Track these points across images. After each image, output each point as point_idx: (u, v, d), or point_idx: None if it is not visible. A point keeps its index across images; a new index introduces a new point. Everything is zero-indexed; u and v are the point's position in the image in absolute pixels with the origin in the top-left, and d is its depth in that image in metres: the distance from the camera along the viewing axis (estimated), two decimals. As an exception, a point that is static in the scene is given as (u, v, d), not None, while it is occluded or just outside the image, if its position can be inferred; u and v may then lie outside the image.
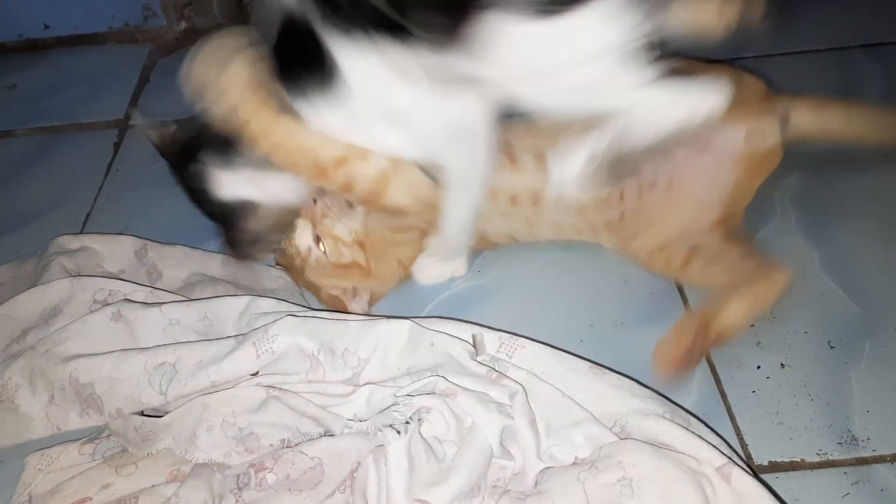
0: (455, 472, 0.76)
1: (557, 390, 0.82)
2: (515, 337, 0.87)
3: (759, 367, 0.91)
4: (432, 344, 0.86)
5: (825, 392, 0.88)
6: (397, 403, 0.83)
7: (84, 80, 1.53)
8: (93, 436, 0.88)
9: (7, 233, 1.20)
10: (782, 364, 0.91)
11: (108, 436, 0.88)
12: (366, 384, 0.85)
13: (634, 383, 0.84)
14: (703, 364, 0.92)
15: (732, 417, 0.87)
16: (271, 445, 0.83)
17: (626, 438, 0.78)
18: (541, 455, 0.80)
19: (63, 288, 0.98)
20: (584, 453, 0.79)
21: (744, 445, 0.84)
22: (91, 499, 0.81)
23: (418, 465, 0.77)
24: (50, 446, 0.87)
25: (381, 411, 0.84)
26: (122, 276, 1.05)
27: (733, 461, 0.75)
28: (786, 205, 1.10)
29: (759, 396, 0.88)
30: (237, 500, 0.78)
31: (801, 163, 1.15)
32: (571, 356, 0.87)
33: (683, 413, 0.83)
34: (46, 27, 1.61)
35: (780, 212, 1.09)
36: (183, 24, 1.63)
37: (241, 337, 0.88)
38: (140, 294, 0.98)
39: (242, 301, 0.94)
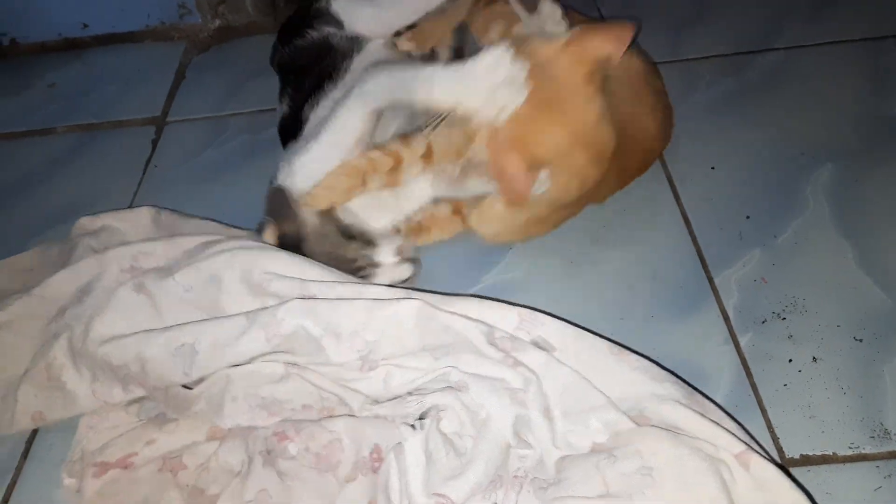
0: (471, 465, 0.78)
1: (575, 373, 0.83)
2: (535, 313, 0.88)
3: (790, 361, 0.91)
4: (447, 326, 0.87)
5: (858, 385, 0.88)
6: (412, 394, 0.85)
7: (121, 78, 1.56)
8: (139, 398, 0.93)
9: (47, 229, 1.23)
10: (814, 357, 0.91)
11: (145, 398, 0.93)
12: (382, 365, 0.87)
13: (654, 365, 0.84)
14: (734, 357, 0.92)
15: (764, 411, 0.87)
16: (293, 410, 0.86)
17: (643, 424, 0.79)
18: (556, 443, 0.80)
19: (91, 266, 1.02)
20: (602, 438, 0.79)
21: (775, 439, 0.84)
22: (137, 454, 0.88)
23: (437, 460, 0.79)
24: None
25: (396, 397, 0.85)
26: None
27: (751, 448, 0.75)
28: (819, 197, 1.09)
29: (791, 390, 0.88)
30: (265, 463, 0.83)
31: (834, 153, 1.15)
32: (592, 335, 0.87)
33: (700, 398, 0.83)
34: (84, 26, 1.64)
35: (814, 204, 1.08)
36: (217, 22, 1.65)
37: (252, 315, 0.89)
38: (159, 251, 1.01)
39: (245, 258, 0.96)
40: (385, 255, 1.03)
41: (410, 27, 1.21)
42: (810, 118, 1.22)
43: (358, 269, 1.02)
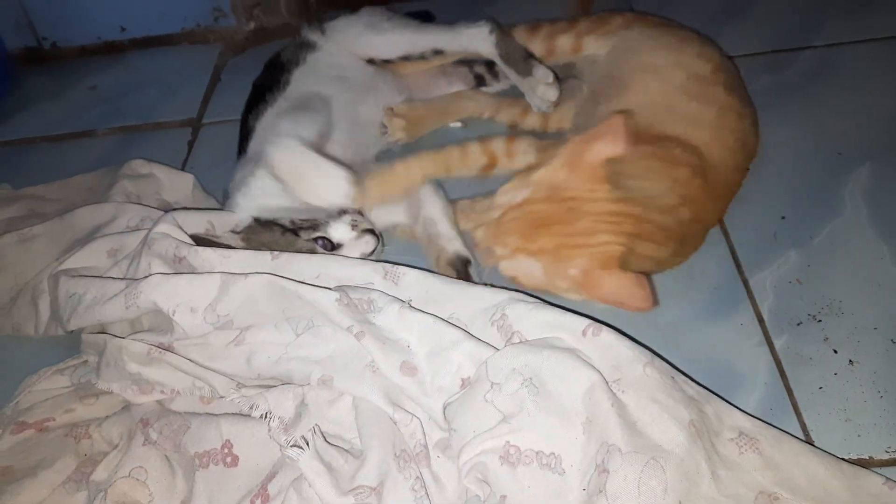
0: (368, 451, 0.80)
1: (430, 316, 0.88)
2: (396, 267, 0.95)
3: (826, 363, 0.90)
4: (299, 296, 0.91)
5: (895, 389, 0.87)
6: (276, 383, 0.89)
7: (159, 81, 1.59)
8: (74, 362, 1.00)
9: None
10: (850, 360, 0.90)
11: (85, 361, 0.99)
12: (242, 343, 0.91)
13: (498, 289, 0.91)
14: (769, 359, 0.92)
15: (799, 414, 0.86)
16: (162, 392, 0.91)
17: (506, 329, 0.86)
18: (428, 392, 0.84)
19: (110, 211, 1.13)
20: (468, 373, 0.84)
21: (810, 442, 0.84)
22: (54, 419, 0.93)
23: (336, 467, 0.81)
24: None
25: (262, 379, 0.90)
26: (175, 206, 1.20)
27: (597, 321, 0.84)
28: (856, 198, 1.07)
29: (827, 393, 0.88)
30: (145, 440, 0.87)
31: (872, 153, 1.13)
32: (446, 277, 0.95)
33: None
34: (123, 30, 1.68)
35: (850, 205, 1.07)
36: (252, 24, 1.68)
37: (128, 283, 0.96)
38: (164, 224, 1.03)
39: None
40: (340, 232, 1.04)
41: (386, 62, 1.27)
42: (848, 117, 1.21)
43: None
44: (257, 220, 1.06)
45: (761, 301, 0.97)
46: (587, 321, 0.84)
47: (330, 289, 0.92)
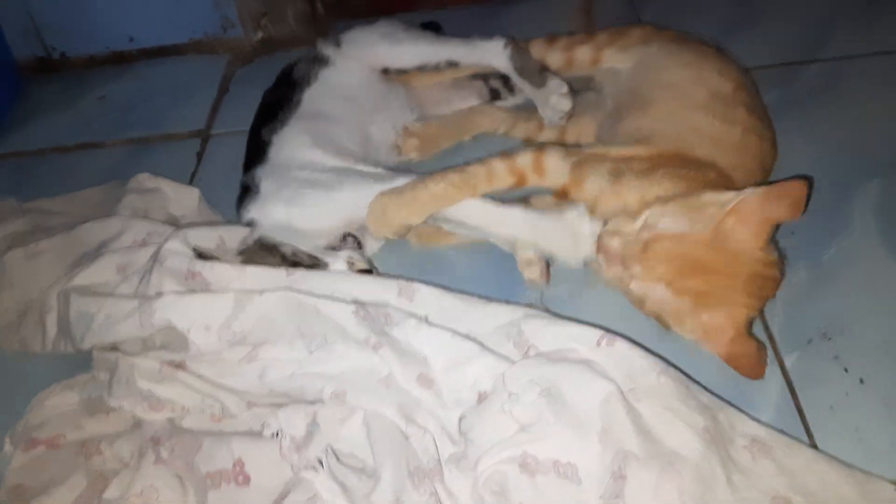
0: (382, 470, 0.80)
1: (447, 330, 0.90)
2: (411, 282, 0.97)
3: (837, 383, 0.90)
4: (317, 310, 0.92)
5: (907, 409, 0.87)
6: (286, 404, 0.89)
7: (167, 91, 1.59)
8: (84, 377, 0.99)
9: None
10: (861, 379, 0.90)
11: (95, 377, 0.98)
12: (260, 359, 0.91)
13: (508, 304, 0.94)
14: (780, 378, 0.92)
15: (810, 434, 0.86)
16: (173, 410, 0.91)
17: (523, 344, 0.89)
18: (447, 406, 0.86)
19: (116, 225, 1.14)
20: (486, 386, 0.86)
21: (822, 461, 0.84)
22: (65, 435, 0.93)
23: (350, 486, 0.81)
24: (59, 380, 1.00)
25: (274, 395, 0.90)
26: (181, 220, 1.20)
27: (611, 332, 0.87)
28: (865, 214, 1.08)
29: (838, 413, 0.88)
30: (156, 458, 0.87)
31: (881, 168, 1.13)
32: (457, 292, 0.97)
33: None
34: (131, 40, 1.68)
35: (860, 221, 1.07)
36: (260, 34, 1.68)
37: (142, 300, 0.96)
38: (176, 241, 1.03)
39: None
40: (337, 270, 1.04)
41: (401, 71, 1.28)
42: (856, 132, 1.21)
43: None
44: (261, 242, 1.06)
45: (771, 318, 0.97)
46: (601, 332, 0.88)
47: (347, 302, 0.93)
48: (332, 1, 1.71)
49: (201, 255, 1.03)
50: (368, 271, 1.04)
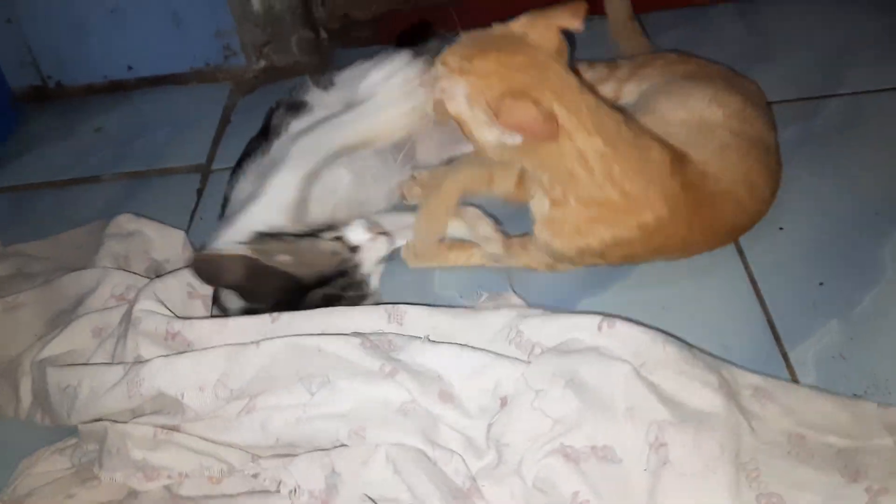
0: (428, 499, 0.78)
1: (453, 345, 0.91)
2: (396, 305, 0.96)
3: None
4: (319, 349, 0.89)
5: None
6: (296, 454, 0.84)
7: (167, 122, 1.54)
8: (74, 441, 0.93)
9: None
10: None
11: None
12: (254, 410, 0.87)
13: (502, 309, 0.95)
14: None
15: None
16: (169, 477, 0.86)
17: (531, 350, 0.90)
18: (472, 415, 0.86)
19: (94, 277, 1.08)
20: (507, 391, 0.86)
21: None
22: None
23: None
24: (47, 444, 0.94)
25: (280, 446, 0.86)
26: (165, 265, 1.15)
27: (610, 315, 0.90)
28: (897, 261, 1.03)
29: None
30: None
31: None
32: (450, 307, 0.98)
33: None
34: (130, 69, 1.63)
35: (892, 270, 1.02)
36: (262, 63, 1.64)
37: (127, 367, 0.90)
38: (147, 300, 0.98)
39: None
40: (358, 234, 1.04)
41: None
42: (883, 171, 1.16)
43: (341, 262, 1.02)
44: (260, 234, 1.02)
45: (803, 377, 0.92)
46: (599, 316, 0.90)
47: (349, 335, 0.90)
48: (336, 28, 1.66)
49: (203, 263, 0.97)
50: (386, 233, 1.05)
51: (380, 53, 1.22)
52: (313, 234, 1.03)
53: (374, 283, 1.06)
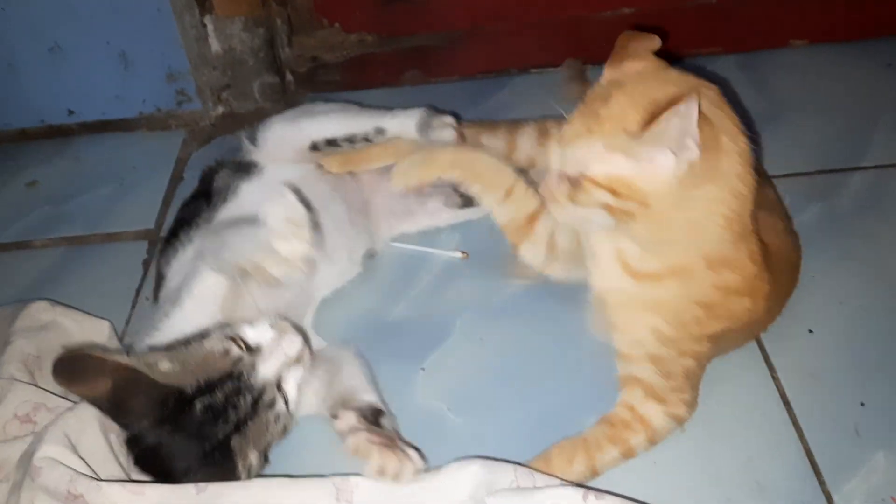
0: None
1: None
2: (346, 478, 0.80)
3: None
4: None
5: None
6: None
7: (111, 177, 1.37)
8: None
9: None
10: None
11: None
12: None
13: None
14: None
15: None
16: None
17: None
18: None
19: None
20: None
21: None
22: None
23: None
24: None
25: None
26: None
27: (598, 490, 0.77)
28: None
29: None
30: None
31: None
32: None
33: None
34: (71, 112, 1.46)
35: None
36: (220, 109, 1.47)
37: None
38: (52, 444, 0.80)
39: None
40: (260, 332, 0.85)
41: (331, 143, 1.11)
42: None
43: (233, 363, 0.82)
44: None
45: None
46: (582, 490, 0.76)
47: None
48: (303, 72, 1.51)
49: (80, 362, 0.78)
50: (294, 330, 0.87)
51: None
52: (202, 335, 0.85)
53: (290, 393, 0.86)
